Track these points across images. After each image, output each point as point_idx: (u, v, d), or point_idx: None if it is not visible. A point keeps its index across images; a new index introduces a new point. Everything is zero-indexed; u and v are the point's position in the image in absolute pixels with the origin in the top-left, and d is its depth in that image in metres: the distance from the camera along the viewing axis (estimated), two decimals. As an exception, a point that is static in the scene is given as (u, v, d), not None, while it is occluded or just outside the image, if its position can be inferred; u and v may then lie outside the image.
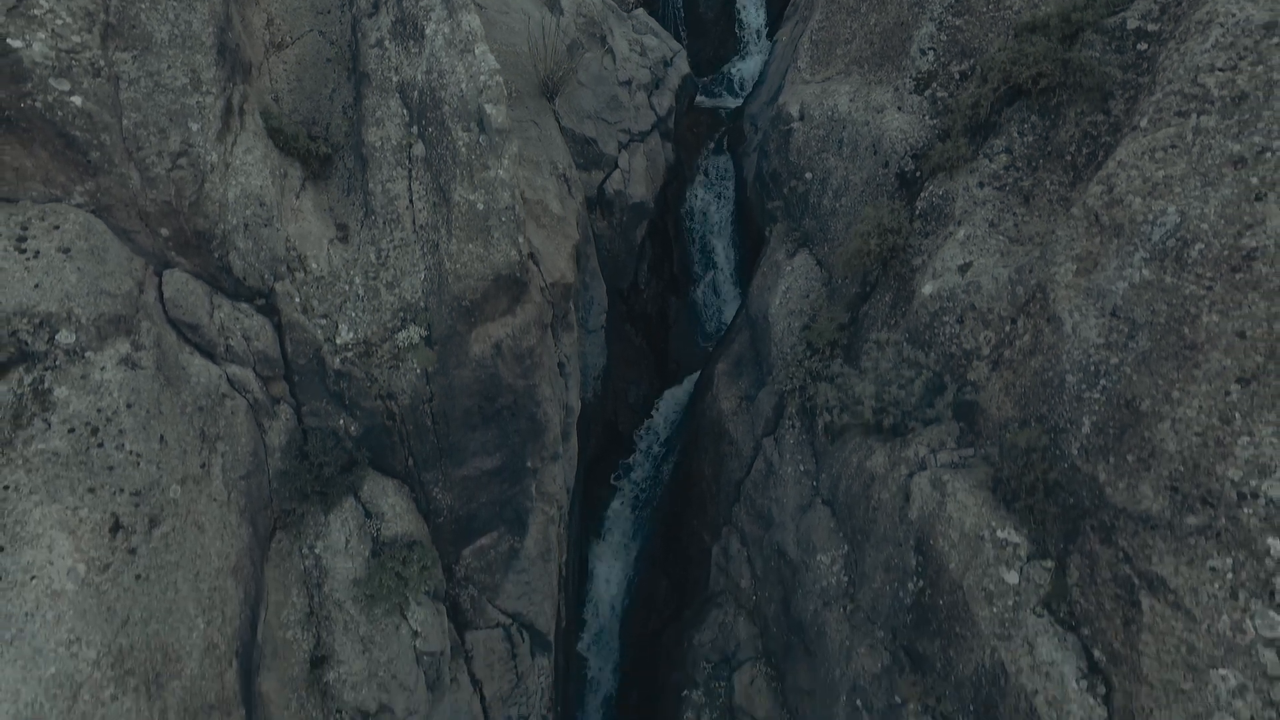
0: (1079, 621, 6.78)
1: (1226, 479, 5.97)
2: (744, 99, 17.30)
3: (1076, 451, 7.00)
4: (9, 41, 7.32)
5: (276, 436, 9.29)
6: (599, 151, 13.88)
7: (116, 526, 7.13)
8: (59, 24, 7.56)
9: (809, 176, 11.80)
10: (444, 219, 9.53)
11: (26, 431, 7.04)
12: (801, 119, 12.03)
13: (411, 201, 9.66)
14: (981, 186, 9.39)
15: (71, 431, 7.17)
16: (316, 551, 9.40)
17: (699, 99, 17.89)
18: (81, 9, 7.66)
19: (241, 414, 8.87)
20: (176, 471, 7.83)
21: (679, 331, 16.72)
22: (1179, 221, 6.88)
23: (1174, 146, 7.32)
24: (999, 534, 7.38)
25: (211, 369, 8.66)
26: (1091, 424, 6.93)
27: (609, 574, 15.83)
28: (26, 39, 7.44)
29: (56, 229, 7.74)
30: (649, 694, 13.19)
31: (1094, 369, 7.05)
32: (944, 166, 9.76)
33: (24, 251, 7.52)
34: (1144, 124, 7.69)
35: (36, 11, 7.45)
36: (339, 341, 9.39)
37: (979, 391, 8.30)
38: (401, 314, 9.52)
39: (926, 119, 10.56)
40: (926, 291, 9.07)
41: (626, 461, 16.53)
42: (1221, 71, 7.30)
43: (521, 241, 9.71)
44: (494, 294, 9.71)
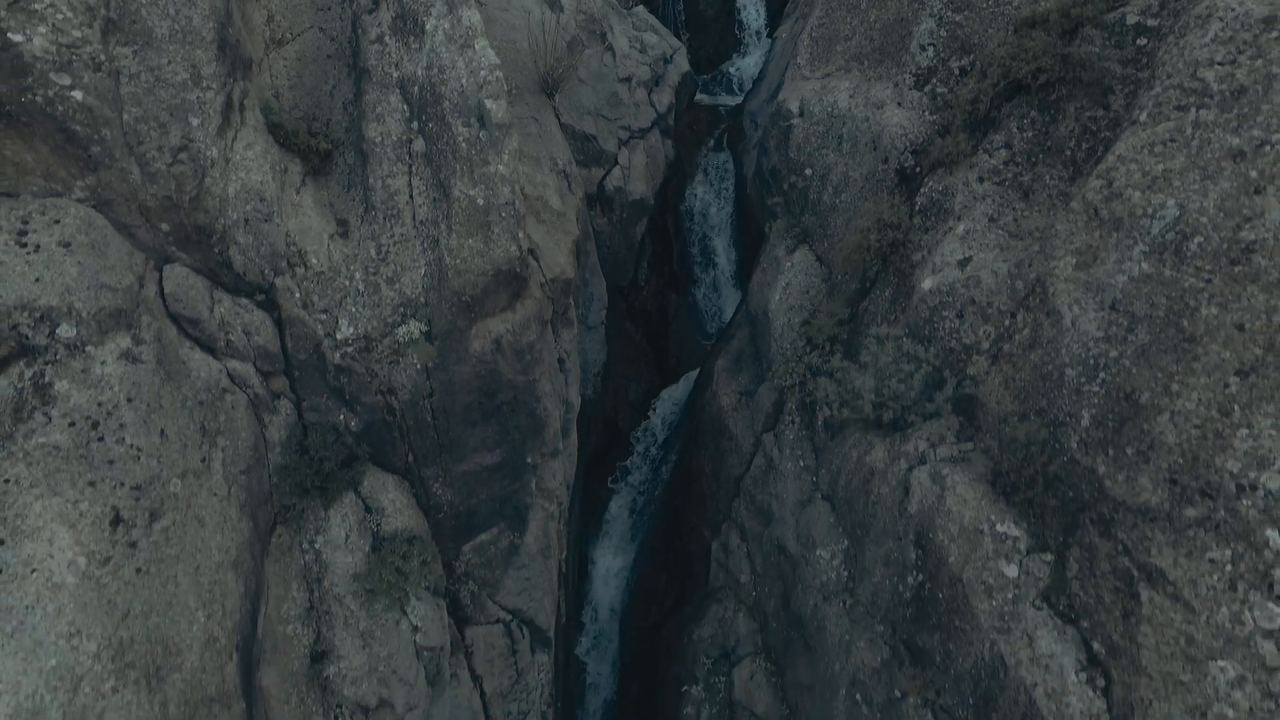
0: (1078, 614, 6.78)
1: (1225, 471, 5.98)
2: (744, 96, 17.29)
3: (1076, 445, 7.01)
4: (9, 35, 7.32)
5: (277, 431, 9.30)
6: (599, 148, 13.89)
7: (117, 520, 7.14)
8: (60, 18, 7.57)
9: (809, 173, 11.80)
10: (444, 214, 9.54)
11: (27, 425, 7.05)
12: (801, 115, 12.03)
13: (412, 197, 9.66)
14: (981, 182, 9.39)
15: (72, 425, 7.18)
16: (317, 546, 9.40)
17: (699, 96, 17.89)
18: (82, 4, 7.66)
19: (242, 409, 8.88)
20: (177, 465, 7.84)
21: (679, 328, 16.70)
22: (1178, 215, 6.89)
23: (1173, 140, 7.33)
24: (998, 527, 7.39)
25: (212, 364, 8.66)
26: (1091, 417, 6.93)
27: (607, 575, 15.72)
28: (27, 33, 7.44)
29: (57, 223, 7.74)
30: (649, 690, 13.19)
31: (1093, 362, 7.06)
32: (944, 162, 9.76)
33: (24, 245, 7.52)
34: (1143, 118, 7.70)
35: (37, 6, 7.46)
36: (339, 337, 9.40)
37: (978, 385, 8.31)
38: (402, 309, 9.53)
39: (926, 115, 10.56)
40: (926, 286, 9.07)
41: (624, 464, 16.42)
42: (1221, 66, 7.31)
43: (521, 237, 9.71)
44: (494, 289, 9.71)
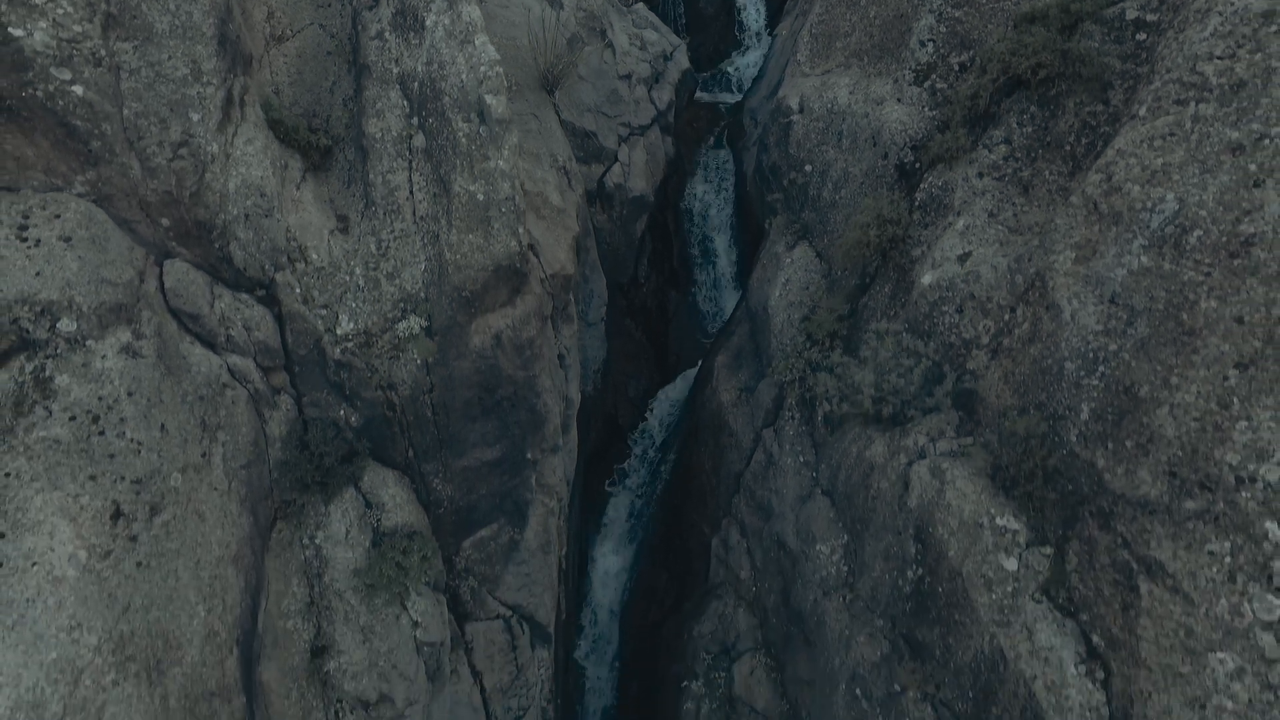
0: (1078, 607, 6.79)
1: (1225, 463, 5.98)
2: (743, 94, 17.29)
3: (1075, 438, 7.01)
4: (10, 30, 7.34)
5: (277, 426, 9.30)
6: (599, 145, 13.90)
7: (117, 514, 7.14)
8: (60, 13, 7.58)
9: (809, 169, 11.81)
10: (444, 210, 9.54)
11: (28, 419, 7.06)
12: (801, 112, 12.04)
13: (412, 192, 9.67)
14: (981, 177, 9.40)
15: (73, 419, 7.19)
16: (317, 542, 9.41)
17: (699, 94, 17.89)
18: (83, -1, 7.68)
19: (242, 404, 8.89)
20: (177, 460, 7.85)
21: (679, 325, 16.69)
22: (1178, 208, 6.90)
23: (1173, 134, 7.34)
24: (998, 521, 7.39)
25: (212, 359, 8.67)
26: (1090, 410, 6.94)
27: (606, 577, 15.59)
28: (28, 28, 7.45)
29: (58, 218, 7.75)
30: (648, 689, 13.20)
31: (1093, 356, 7.06)
32: (943, 157, 9.77)
33: (25, 240, 7.53)
34: (1143, 112, 7.71)
35: (38, 1, 7.47)
36: (339, 332, 9.40)
37: (978, 380, 8.32)
38: (402, 304, 9.53)
39: (926, 110, 10.57)
40: (926, 281, 9.08)
41: (621, 467, 16.28)
42: (1220, 60, 7.32)
43: (521, 232, 9.72)
44: (494, 285, 9.72)
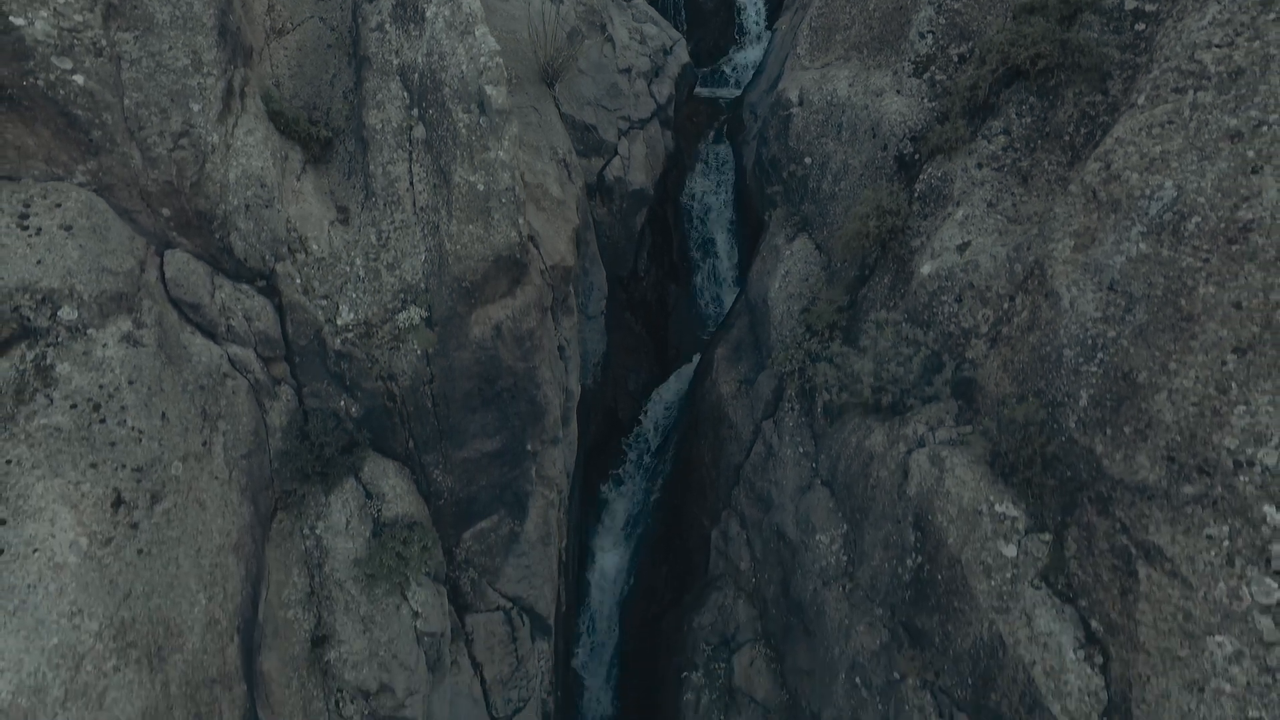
0: (1076, 593, 6.81)
1: (1223, 448, 6.00)
2: (743, 88, 17.30)
3: (1074, 424, 7.03)
4: (11, 19, 7.35)
5: (278, 417, 9.32)
6: (599, 138, 13.92)
7: (118, 501, 7.16)
8: (61, 2, 7.59)
9: (808, 161, 11.82)
10: (444, 200, 9.56)
11: (29, 407, 7.07)
12: (801, 104, 12.05)
13: (412, 183, 9.68)
14: (980, 167, 9.42)
15: (74, 407, 7.20)
16: (317, 532, 9.43)
17: (698, 89, 17.90)
18: (83, -13, 7.69)
19: (243, 394, 8.90)
20: (178, 449, 7.87)
21: (679, 319, 16.69)
22: (1176, 195, 6.91)
23: (1171, 122, 7.36)
24: (997, 508, 7.41)
25: (213, 348, 8.69)
26: (1089, 397, 6.96)
27: (603, 579, 15.49)
28: (29, 17, 7.47)
29: (58, 207, 7.77)
30: (649, 681, 13.22)
31: (1091, 343, 7.08)
32: (942, 148, 9.78)
33: (26, 229, 7.55)
34: (1141, 101, 7.73)
35: (38, -10, 7.48)
36: (340, 322, 9.42)
37: (977, 369, 8.33)
38: (402, 295, 9.55)
39: (925, 102, 10.59)
40: (925, 271, 9.09)
41: (616, 473, 16.11)
42: (1218, 48, 7.33)
43: (521, 223, 9.74)
44: (494, 275, 9.74)
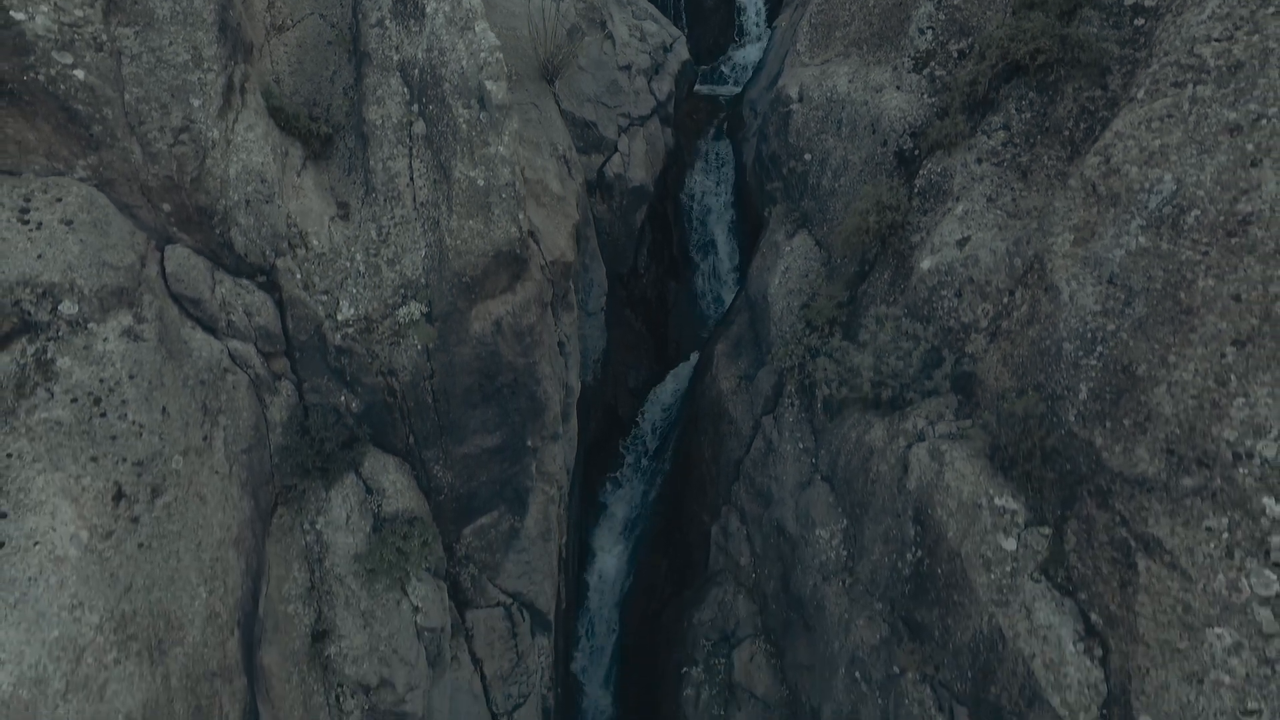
0: (1076, 586, 6.81)
1: (1222, 440, 6.01)
2: (743, 86, 17.31)
3: (1073, 418, 7.04)
4: (12, 14, 7.36)
5: (278, 412, 9.33)
6: (599, 135, 13.92)
7: (119, 495, 7.17)
8: (61, -3, 7.60)
9: (808, 157, 11.83)
10: (444, 196, 9.57)
11: (29, 400, 7.08)
12: (800, 100, 12.06)
13: (412, 179, 9.69)
14: (980, 163, 9.42)
15: (74, 401, 7.21)
16: (318, 527, 9.44)
17: (698, 87, 17.90)
18: (84, -18, 7.69)
19: (243, 389, 8.91)
20: (179, 443, 7.88)
21: (679, 315, 16.69)
22: (1175, 189, 6.92)
23: (1170, 116, 7.36)
24: (996, 501, 7.42)
25: (213, 343, 8.70)
26: (1088, 390, 6.96)
27: (602, 582, 15.44)
28: (29, 11, 7.47)
29: (59, 201, 7.78)
30: (649, 677, 13.23)
31: (1091, 336, 7.09)
32: (942, 144, 9.79)
33: (27, 223, 7.56)
34: (1141, 95, 7.73)
35: (39, -16, 7.49)
36: (340, 318, 9.43)
37: (977, 363, 8.34)
38: (402, 290, 9.56)
39: (925, 97, 10.59)
40: (925, 266, 9.10)
41: (614, 476, 16.02)
42: (1218, 42, 7.34)
43: (522, 218, 9.74)
44: (494, 270, 9.74)
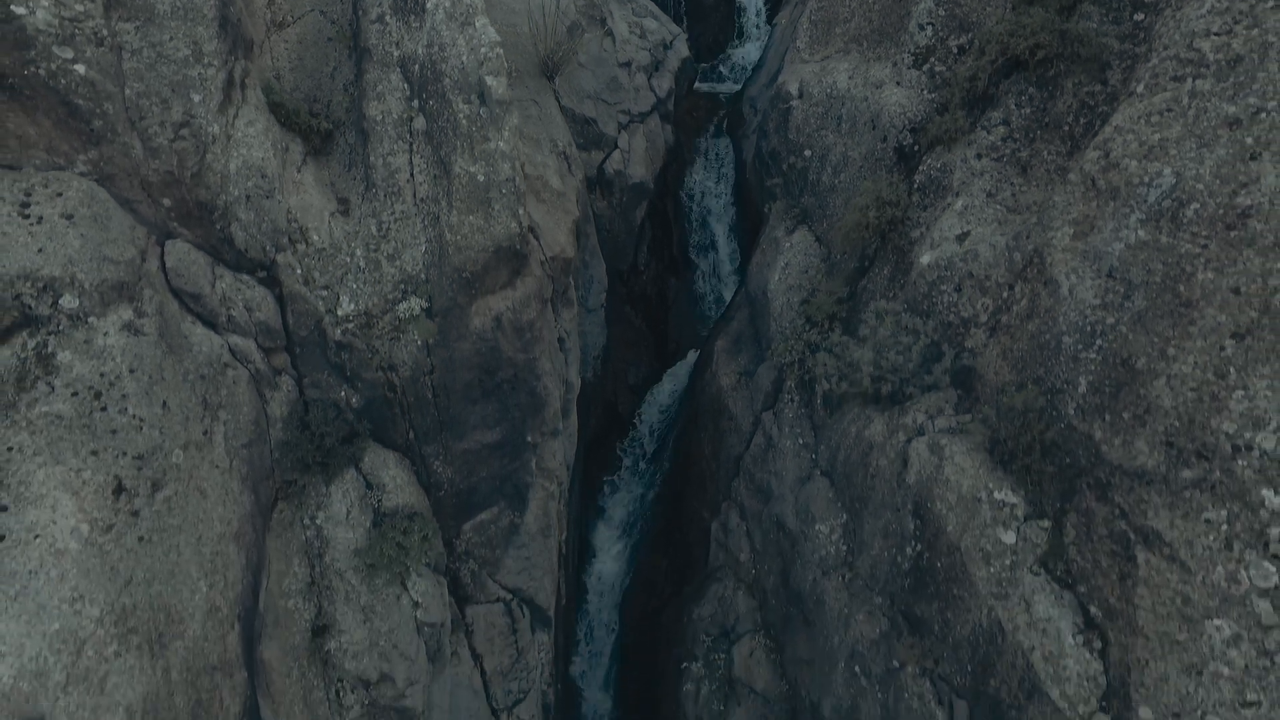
0: (1075, 579, 6.82)
1: (1221, 432, 6.01)
2: (743, 83, 17.32)
3: (1073, 411, 7.04)
4: (13, 8, 7.36)
5: (278, 407, 9.34)
6: (599, 131, 13.93)
7: (119, 489, 7.18)
8: (62, -9, 7.60)
9: (808, 154, 11.84)
10: (444, 191, 9.57)
11: (30, 394, 7.09)
12: (800, 97, 12.07)
13: (412, 174, 9.70)
14: (979, 158, 9.43)
15: (75, 395, 7.22)
16: (318, 522, 9.45)
17: (698, 84, 17.90)
18: (84, -24, 7.70)
19: (243, 384, 8.92)
20: (179, 437, 7.89)
21: (679, 313, 16.70)
22: (1175, 182, 6.93)
23: (1170, 110, 7.37)
24: (996, 495, 7.42)
25: (213, 338, 8.70)
26: (1088, 383, 6.97)
27: (600, 584, 15.38)
28: (30, 6, 7.48)
29: (60, 196, 7.79)
30: (649, 673, 13.24)
31: (1090, 329, 7.10)
32: (942, 139, 9.79)
33: (27, 217, 7.57)
34: (1140, 89, 7.74)
35: (40, -22, 7.50)
36: (340, 313, 9.43)
37: (976, 357, 8.35)
38: (402, 286, 9.57)
39: (925, 93, 10.60)
40: (924, 261, 9.11)
41: (612, 479, 15.96)
42: (1217, 36, 7.34)
43: (522, 213, 9.75)
44: (494, 266, 9.75)
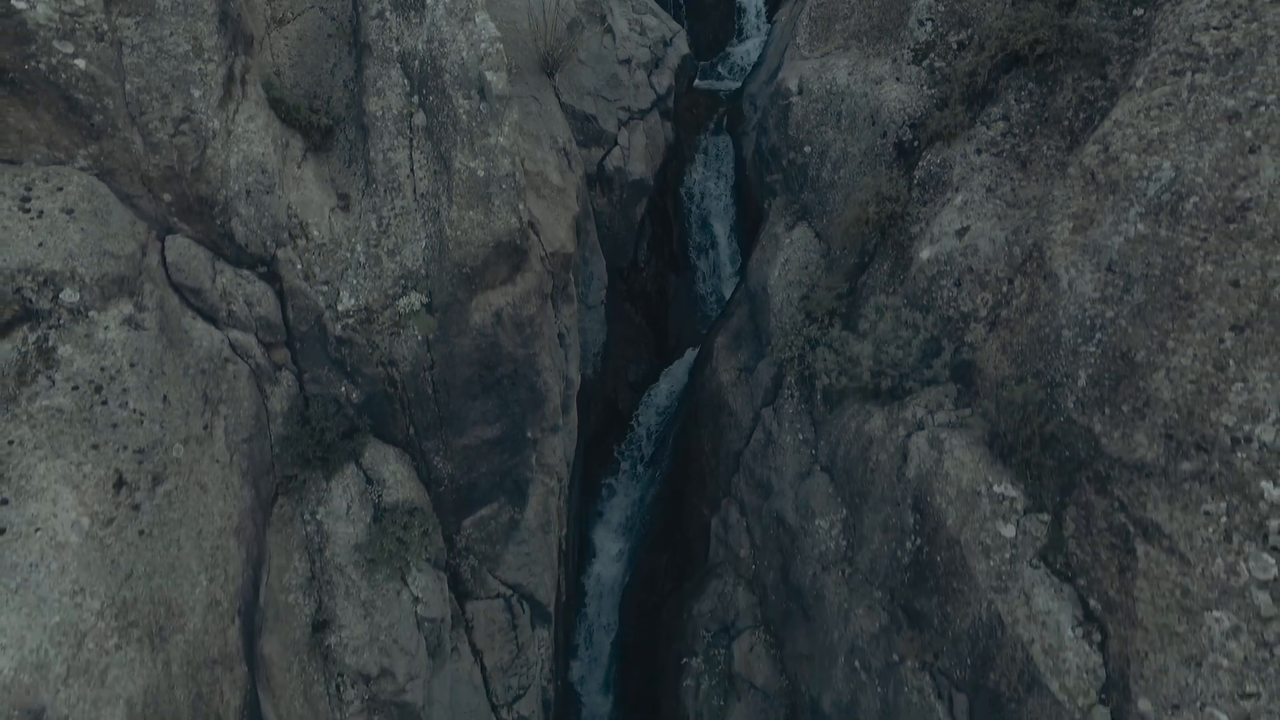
0: (1075, 572, 6.83)
1: (1220, 424, 6.02)
2: (743, 80, 17.32)
3: (1072, 404, 7.05)
4: (13, 2, 7.37)
5: (279, 402, 9.34)
6: (599, 128, 13.95)
7: (120, 483, 7.18)
8: (62, -14, 7.61)
9: (808, 150, 11.85)
10: (445, 186, 9.58)
11: (31, 388, 7.09)
12: (800, 93, 12.07)
13: (412, 170, 9.71)
14: (979, 153, 9.43)
15: (75, 389, 7.22)
16: (318, 517, 9.46)
17: (698, 82, 17.92)
18: (84, -29, 7.70)
19: (244, 379, 8.92)
20: (179, 431, 7.89)
21: (678, 310, 16.71)
22: (1174, 176, 6.93)
23: (1169, 104, 7.37)
24: (996, 488, 7.43)
25: (214, 333, 8.71)
26: (1087, 377, 6.98)
27: (599, 585, 15.42)
28: (30, 0, 7.49)
29: (60, 190, 7.79)
30: (649, 669, 13.24)
31: (1090, 323, 7.10)
32: (942, 135, 9.80)
33: (28, 211, 7.57)
34: (1140, 84, 7.74)
35: (40, -27, 7.50)
36: (340, 308, 9.44)
37: (976, 351, 8.35)
38: (402, 281, 9.57)
39: (924, 89, 10.60)
40: (924, 256, 9.11)
41: (609, 483, 15.92)
42: (1216, 30, 7.35)
43: (522, 209, 9.76)
44: (494, 261, 9.76)
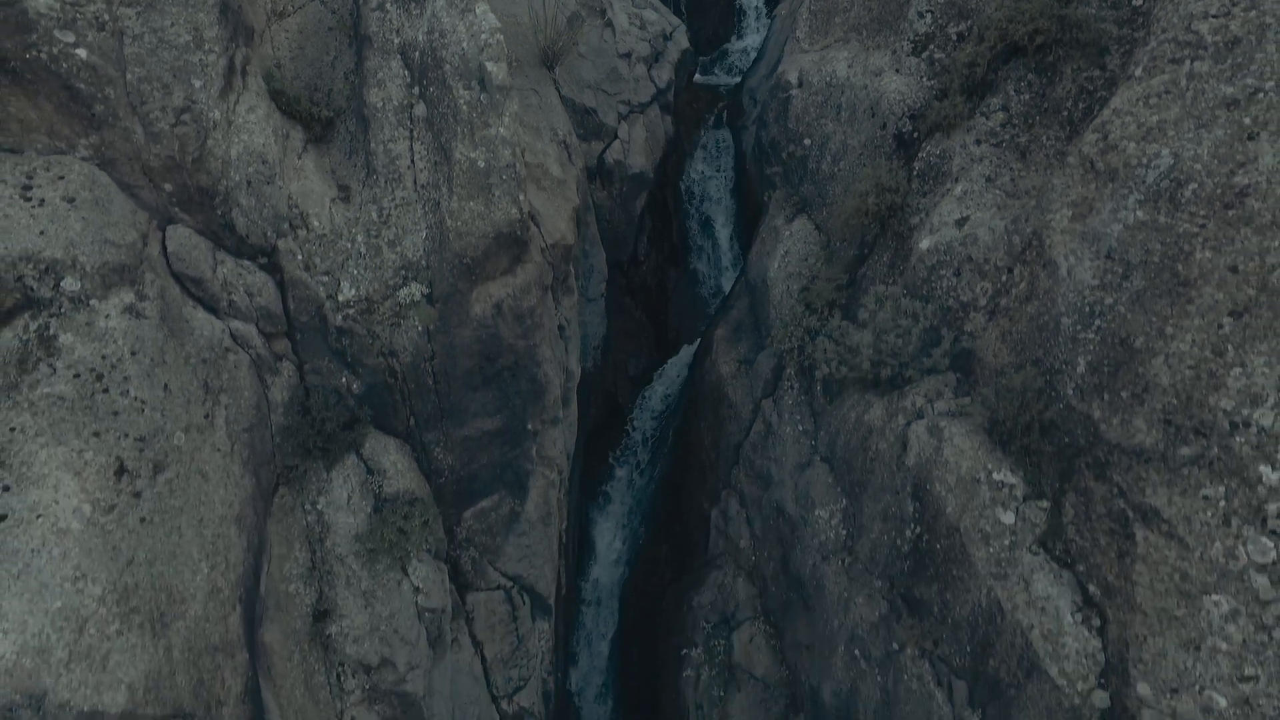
0: (1074, 558, 6.85)
1: (1219, 409, 6.04)
2: (743, 75, 17.34)
3: (1071, 391, 7.07)
4: (14, -9, 7.39)
5: (279, 392, 9.36)
6: (599, 122, 13.96)
7: (121, 470, 7.20)
8: (63, -25, 7.62)
9: (807, 142, 11.86)
10: (445, 177, 9.60)
11: (32, 376, 7.12)
12: (800, 86, 12.09)
13: (413, 161, 9.73)
14: (979, 144, 9.45)
15: (77, 377, 7.24)
16: (319, 507, 9.47)
17: (698, 77, 17.94)
18: (85, -39, 7.72)
19: (244, 368, 8.94)
20: (180, 420, 7.91)
21: (678, 303, 16.73)
22: (1173, 163, 6.95)
23: (1168, 92, 7.39)
24: (995, 476, 7.45)
25: (215, 323, 8.73)
26: (1086, 363, 7.00)
27: (600, 592, 15.49)
28: (31, -11, 7.50)
29: (61, 179, 7.81)
30: (649, 660, 13.26)
31: (1089, 310, 7.12)
32: (941, 126, 9.82)
33: (29, 200, 7.59)
34: (1139, 72, 7.76)
35: (41, -38, 7.51)
36: (341, 299, 9.46)
37: (975, 340, 8.37)
38: (403, 272, 9.59)
39: (924, 80, 10.62)
40: (924, 246, 9.13)
41: (605, 490, 15.84)
42: (1215, 18, 7.37)
43: (522, 199, 9.78)
44: (495, 252, 9.78)
